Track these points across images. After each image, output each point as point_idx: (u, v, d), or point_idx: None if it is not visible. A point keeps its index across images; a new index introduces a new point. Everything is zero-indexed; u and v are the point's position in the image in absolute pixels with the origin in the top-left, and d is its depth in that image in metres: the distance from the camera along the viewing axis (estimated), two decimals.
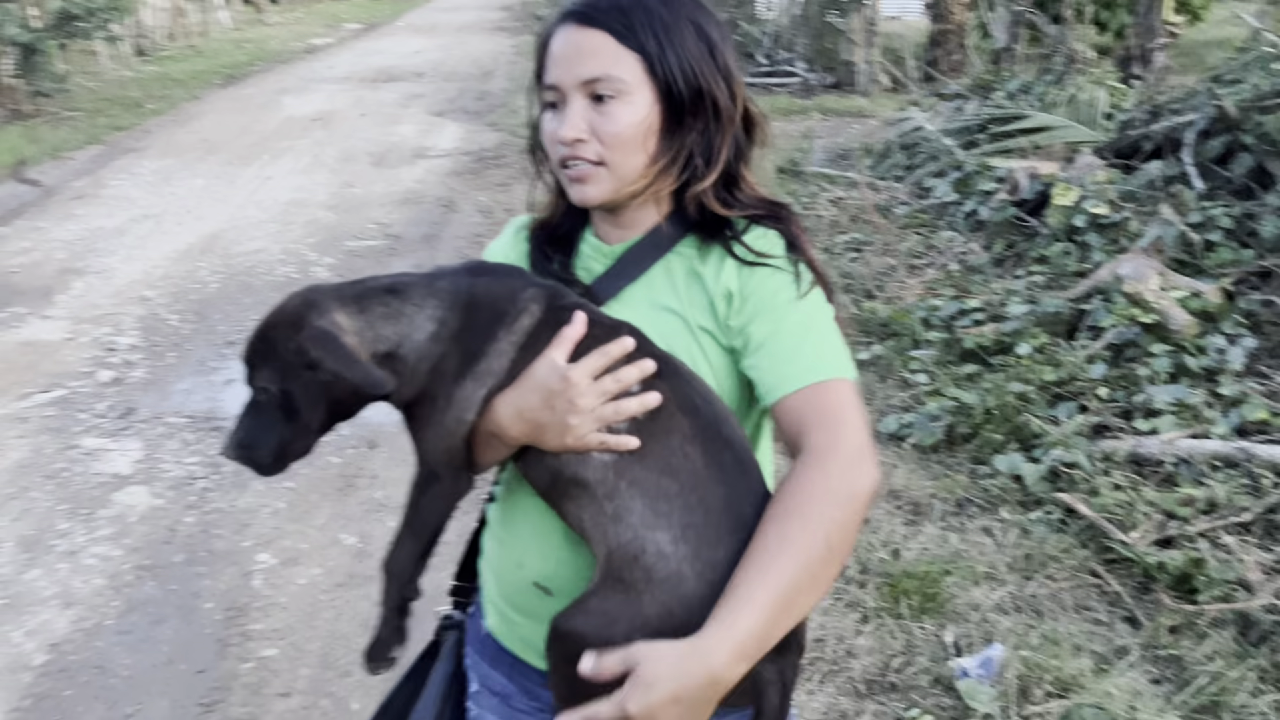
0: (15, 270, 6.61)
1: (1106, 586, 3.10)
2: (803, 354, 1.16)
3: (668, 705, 0.98)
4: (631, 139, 1.20)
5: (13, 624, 3.07)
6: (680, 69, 1.20)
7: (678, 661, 0.98)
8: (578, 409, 1.11)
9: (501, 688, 1.39)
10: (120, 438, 4.26)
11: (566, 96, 1.21)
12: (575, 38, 1.21)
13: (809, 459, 1.08)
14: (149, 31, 19.74)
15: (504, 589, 1.35)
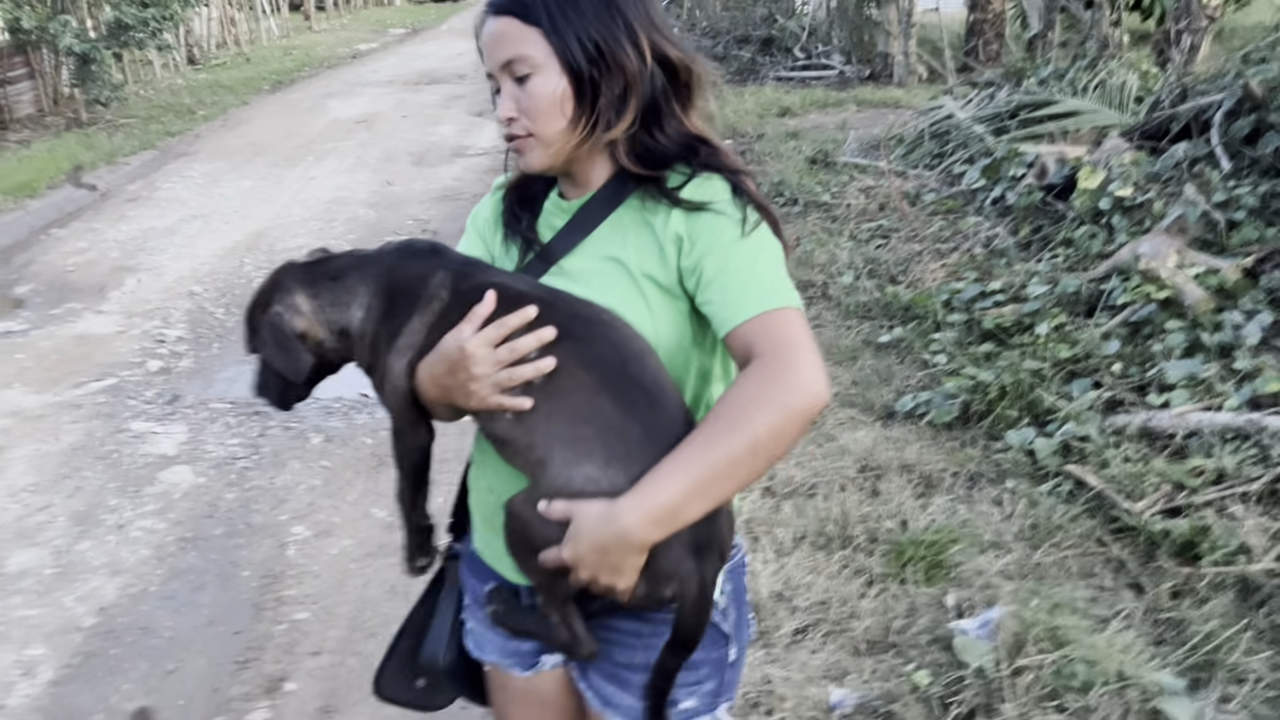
0: (71, 269, 6.89)
1: (1111, 555, 3.16)
2: (750, 287, 1.25)
3: (593, 553, 1.20)
4: (548, 109, 1.32)
5: (65, 590, 3.27)
6: (576, 36, 1.30)
7: (598, 518, 1.19)
8: (475, 376, 1.27)
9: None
10: (167, 422, 4.47)
11: (500, 83, 1.35)
12: (491, 27, 1.34)
13: (749, 371, 1.19)
14: (200, 40, 20.25)
15: (481, 511, 1.53)
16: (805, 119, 10.87)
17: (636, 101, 1.33)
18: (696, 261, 1.29)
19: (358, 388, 4.81)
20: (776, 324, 1.22)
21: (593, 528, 1.19)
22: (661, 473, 1.18)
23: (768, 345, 1.20)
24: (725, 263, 1.27)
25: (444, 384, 1.31)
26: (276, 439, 4.30)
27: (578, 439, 1.24)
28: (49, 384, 4.93)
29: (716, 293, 1.27)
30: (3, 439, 4.34)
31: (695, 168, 1.34)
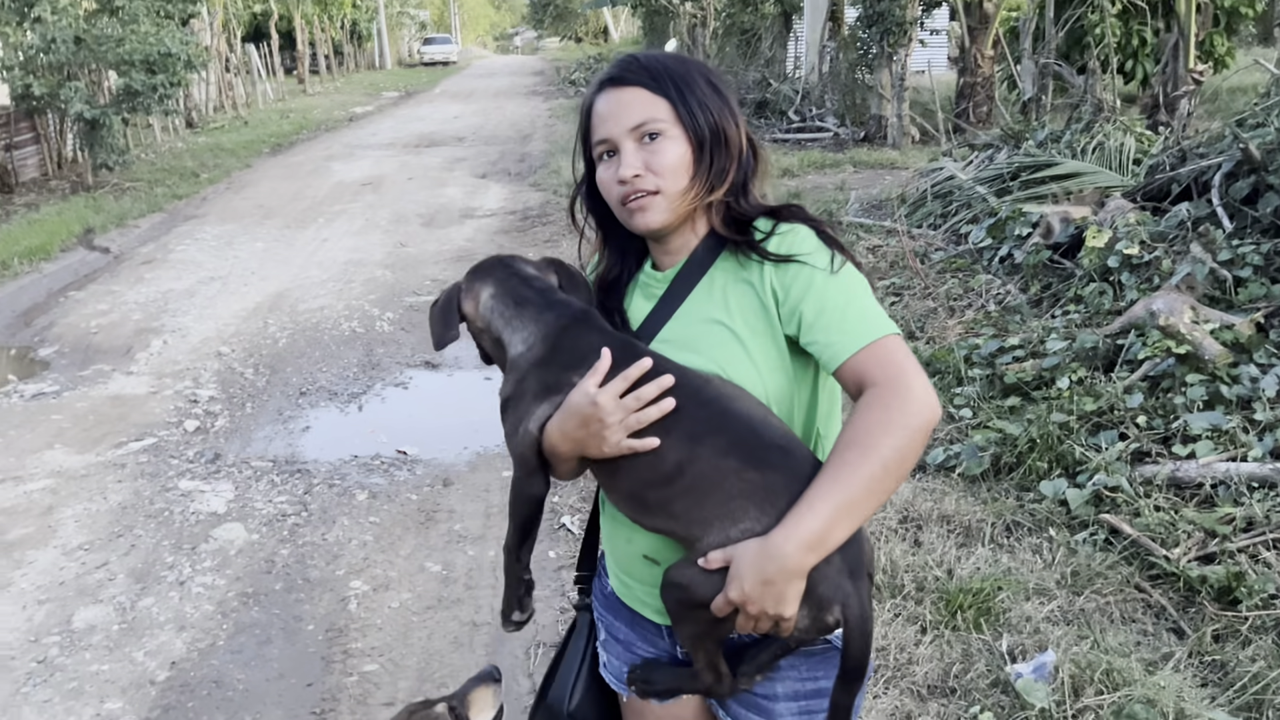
0: (95, 331, 7.00)
1: (1151, 600, 3.28)
2: (850, 322, 1.38)
3: (759, 587, 1.31)
4: (678, 167, 1.47)
5: (134, 645, 3.33)
6: (700, 110, 1.48)
7: (757, 554, 1.32)
8: (607, 425, 1.40)
9: (624, 635, 1.69)
10: (212, 480, 4.56)
11: (619, 145, 1.47)
12: (616, 97, 1.49)
13: (868, 399, 1.32)
14: (199, 104, 20.57)
15: (619, 560, 1.64)
16: (805, 180, 11.16)
17: (735, 172, 1.51)
18: (795, 307, 1.41)
19: (396, 445, 4.91)
20: (883, 353, 1.35)
21: (754, 563, 1.31)
22: (806, 503, 1.31)
23: (880, 373, 1.33)
24: (823, 303, 1.40)
25: (576, 437, 1.43)
26: (323, 496, 4.38)
27: (733, 510, 1.36)
28: (89, 444, 5.00)
29: (821, 333, 1.39)
30: (50, 499, 4.41)
31: (778, 220, 1.50)
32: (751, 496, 1.36)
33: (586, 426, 1.41)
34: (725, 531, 1.36)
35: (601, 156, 1.51)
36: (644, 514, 1.46)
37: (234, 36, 24.44)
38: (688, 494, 1.39)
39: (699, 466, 1.39)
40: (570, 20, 59.16)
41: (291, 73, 32.25)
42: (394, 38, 50.40)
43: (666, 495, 1.41)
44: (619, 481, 1.47)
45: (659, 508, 1.43)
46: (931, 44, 14.68)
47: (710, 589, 1.36)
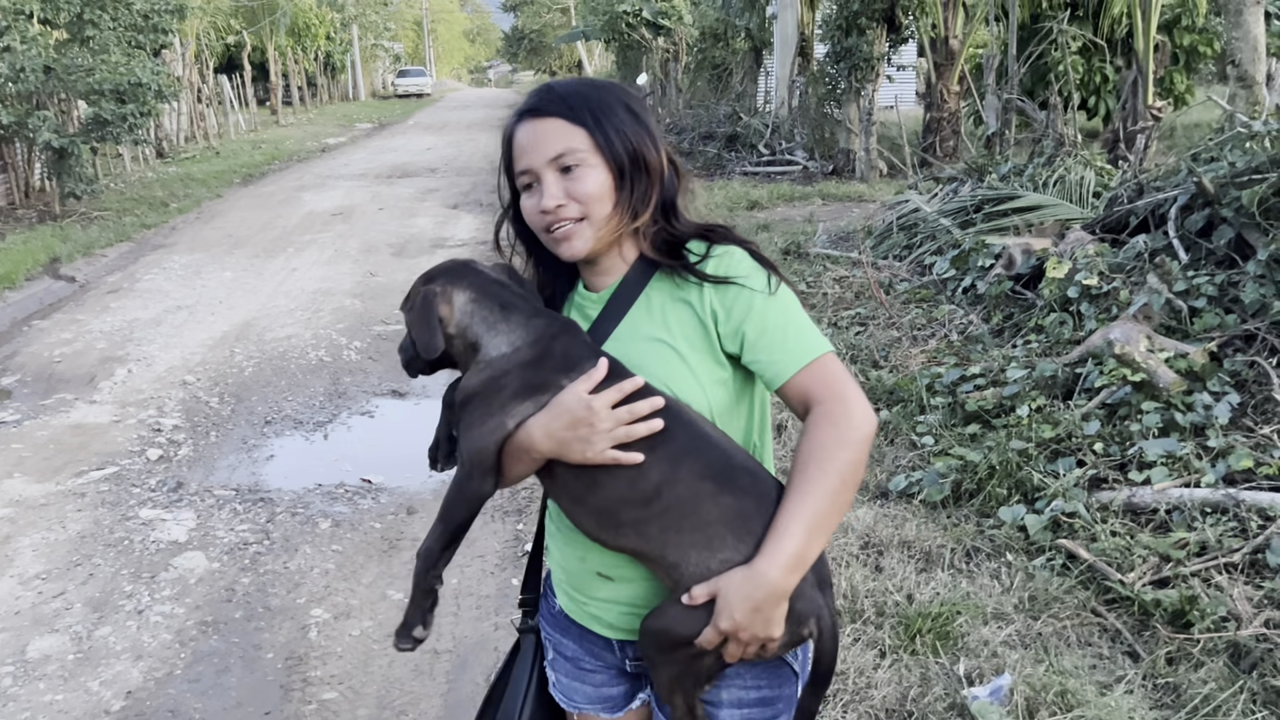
0: (58, 360, 6.94)
1: (1107, 624, 3.32)
2: (789, 342, 1.45)
3: (750, 615, 1.35)
4: (599, 194, 1.49)
5: (89, 675, 3.29)
6: (615, 135, 1.50)
7: (744, 582, 1.36)
8: (596, 430, 1.41)
9: (572, 652, 1.69)
10: (174, 509, 4.52)
11: (540, 175, 1.49)
12: (535, 127, 1.50)
13: (817, 418, 1.40)
14: (169, 134, 20.52)
15: (571, 578, 1.63)
16: (774, 212, 11.27)
17: (657, 195, 1.55)
18: (737, 327, 1.46)
19: (361, 473, 4.90)
20: (823, 371, 1.43)
21: (742, 592, 1.35)
22: (782, 526, 1.36)
23: (823, 391, 1.42)
24: (764, 323, 1.46)
25: (561, 437, 1.43)
26: (285, 524, 4.36)
27: (711, 537, 1.40)
28: (49, 473, 4.95)
29: (764, 352, 1.46)
30: (8, 528, 4.35)
31: (711, 243, 1.54)
32: (729, 523, 1.40)
33: (575, 429, 1.42)
34: (705, 562, 1.39)
35: (526, 186, 1.53)
36: (612, 532, 1.46)
37: (206, 67, 24.44)
38: (664, 516, 1.42)
39: (678, 489, 1.42)
40: (544, 54, 59.64)
41: (264, 104, 32.27)
42: (368, 70, 50.58)
43: (643, 516, 1.42)
44: (592, 495, 1.46)
45: (632, 527, 1.43)
46: (899, 80, 14.93)
47: (693, 625, 1.39)
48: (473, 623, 3.57)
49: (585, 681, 1.69)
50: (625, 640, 1.60)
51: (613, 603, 1.57)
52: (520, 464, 1.48)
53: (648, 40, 23.78)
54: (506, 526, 4.30)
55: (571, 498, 1.50)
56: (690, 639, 1.39)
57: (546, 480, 1.53)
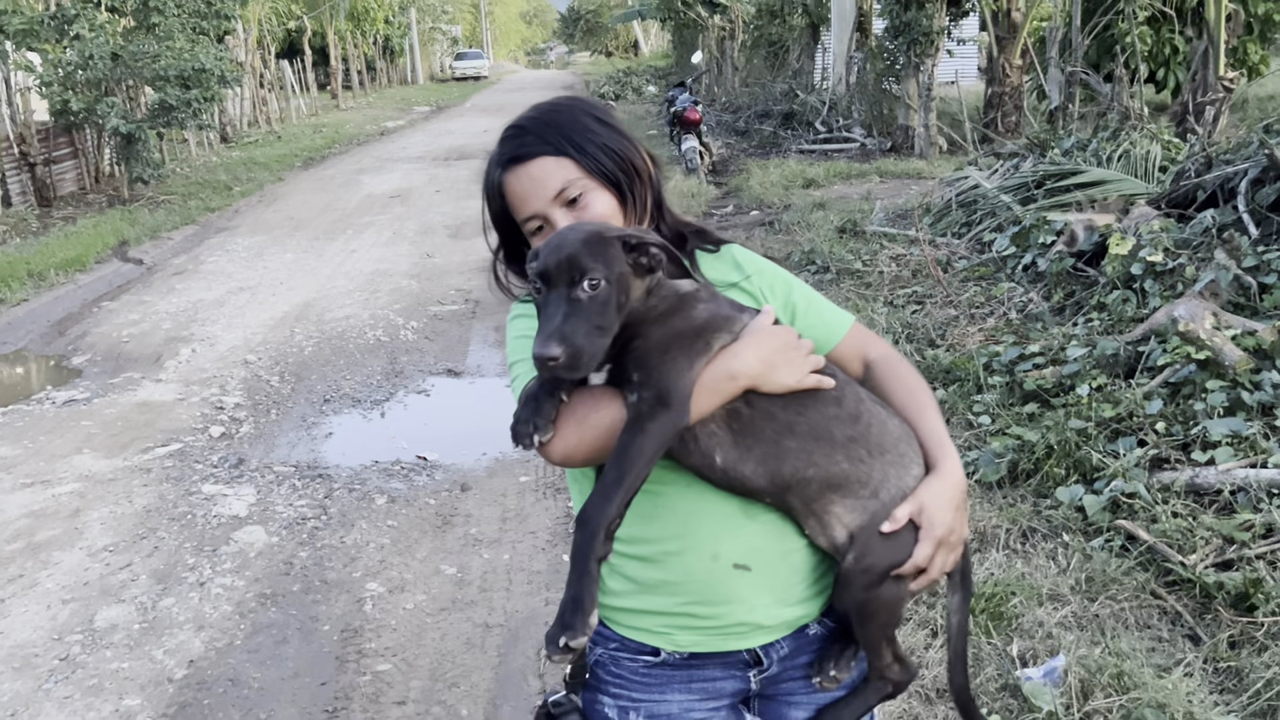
0: (126, 340, 7.12)
1: (1167, 607, 3.25)
2: (831, 309, 1.64)
3: (954, 515, 1.46)
4: (610, 214, 1.49)
5: (153, 644, 3.39)
6: (601, 153, 1.49)
7: (944, 487, 1.46)
8: (800, 352, 1.46)
9: (678, 707, 1.52)
10: (235, 484, 4.62)
11: (549, 216, 1.47)
12: (525, 174, 1.48)
13: (890, 359, 1.60)
14: (233, 119, 20.89)
15: (696, 592, 1.47)
16: (830, 190, 11.15)
17: (651, 197, 1.57)
18: (785, 300, 1.59)
19: (416, 450, 4.96)
20: (862, 330, 1.65)
21: (945, 497, 1.46)
22: (940, 434, 1.52)
23: (876, 343, 1.64)
24: (807, 295, 1.62)
25: (772, 360, 1.42)
26: (342, 500, 4.44)
27: (902, 455, 1.47)
28: (117, 449, 5.10)
29: (815, 316, 1.60)
30: (78, 501, 4.49)
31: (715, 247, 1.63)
32: (908, 442, 1.49)
33: (784, 352, 1.43)
34: (900, 481, 1.45)
35: (536, 230, 1.50)
36: (825, 455, 1.42)
37: (268, 52, 24.81)
38: (868, 435, 1.46)
39: (868, 407, 1.49)
40: (600, 35, 59.54)
41: (325, 88, 32.69)
42: (426, 53, 50.93)
43: (854, 434, 1.45)
44: (803, 419, 1.42)
45: (844, 449, 1.44)
46: (961, 54, 14.65)
47: (902, 549, 1.43)
48: (524, 597, 3.61)
49: None
50: (769, 644, 1.51)
51: (757, 594, 1.47)
52: (714, 396, 1.39)
53: (704, 18, 23.61)
54: (558, 503, 4.33)
55: (777, 431, 1.41)
56: (899, 564, 1.42)
57: (718, 429, 1.41)
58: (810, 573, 1.51)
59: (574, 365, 1.30)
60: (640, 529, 1.48)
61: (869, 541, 1.43)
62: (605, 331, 1.34)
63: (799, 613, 1.51)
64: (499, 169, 1.51)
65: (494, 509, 4.32)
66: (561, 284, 1.33)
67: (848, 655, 1.52)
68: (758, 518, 1.47)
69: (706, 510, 1.46)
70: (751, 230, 9.47)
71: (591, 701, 1.55)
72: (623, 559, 1.50)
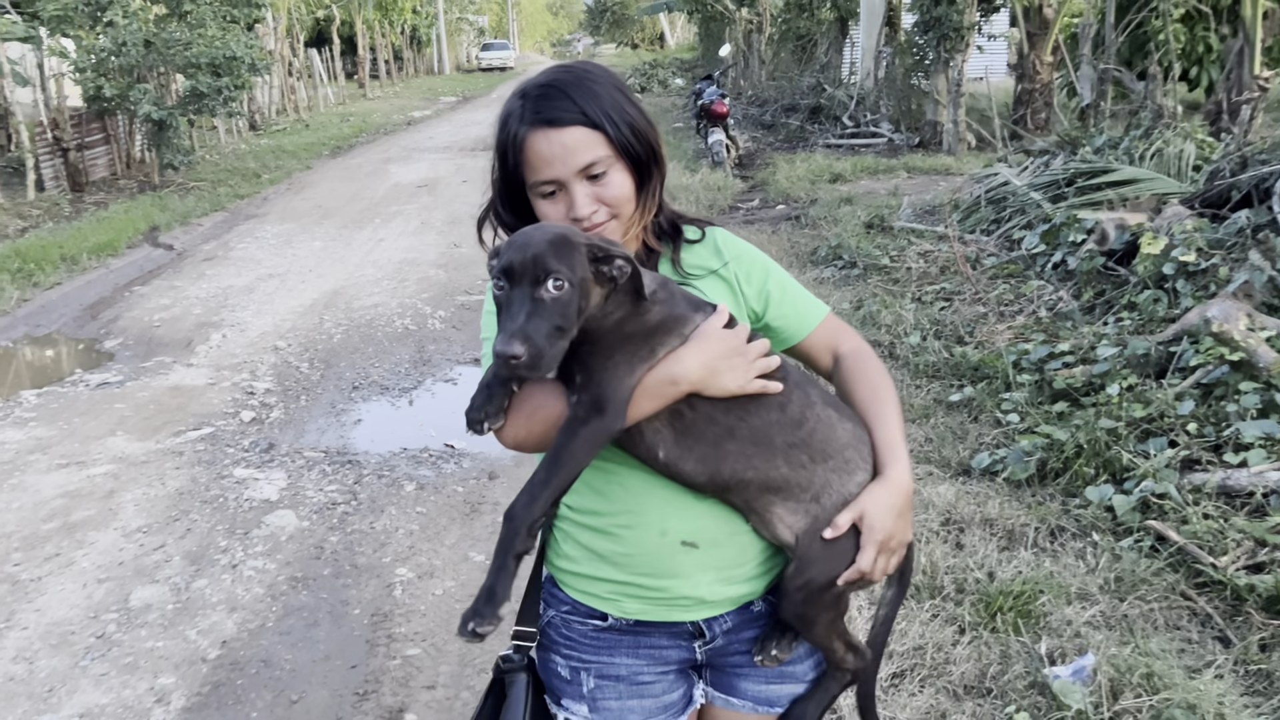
0: (157, 324, 7.19)
1: (1197, 608, 3.24)
2: (806, 299, 1.66)
3: (896, 520, 1.48)
4: (627, 195, 1.51)
5: (187, 624, 3.44)
6: (633, 136, 1.50)
7: (887, 493, 1.48)
8: (746, 358, 1.46)
9: (627, 670, 1.58)
10: (266, 469, 4.67)
11: (568, 184, 1.47)
12: (557, 139, 1.46)
13: (858, 356, 1.63)
14: (262, 107, 21.01)
15: (644, 565, 1.52)
16: (857, 185, 11.11)
17: (661, 183, 1.58)
18: (760, 288, 1.61)
19: (444, 438, 5.00)
20: (836, 321, 1.68)
21: (887, 503, 1.47)
22: (893, 438, 1.52)
23: (849, 336, 1.66)
24: (783, 283, 1.64)
25: (714, 366, 1.42)
26: (372, 486, 4.48)
27: (846, 461, 1.49)
28: (150, 432, 5.16)
29: (789, 305, 1.63)
30: (112, 483, 4.55)
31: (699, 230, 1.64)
32: (855, 448, 1.50)
33: (728, 358, 1.44)
34: (843, 487, 1.48)
35: (546, 194, 1.49)
36: (763, 461, 1.44)
37: (297, 41, 24.92)
38: (811, 441, 1.48)
39: (817, 412, 1.50)
40: (626, 26, 59.42)
41: (352, 77, 32.80)
42: (453, 43, 51.01)
43: (795, 440, 1.47)
44: (744, 425, 1.44)
45: (784, 454, 1.46)
46: (990, 50, 14.53)
47: (842, 557, 1.46)
48: None
49: (644, 696, 1.59)
50: (712, 618, 1.56)
51: (702, 572, 1.51)
52: (654, 400, 1.41)
53: (731, 11, 23.54)
54: None
55: (717, 434, 1.44)
56: (840, 573, 1.45)
57: (662, 427, 1.43)
58: (759, 554, 1.56)
59: (535, 365, 1.31)
60: (594, 502, 1.54)
61: (809, 551, 1.46)
62: (565, 334, 1.35)
63: (744, 590, 1.56)
64: (524, 126, 1.48)
65: None
66: (526, 282, 1.33)
67: (789, 636, 1.56)
68: (706, 499, 1.51)
69: (657, 489, 1.51)
70: (778, 224, 9.45)
71: (545, 660, 1.63)
72: (577, 528, 1.57)
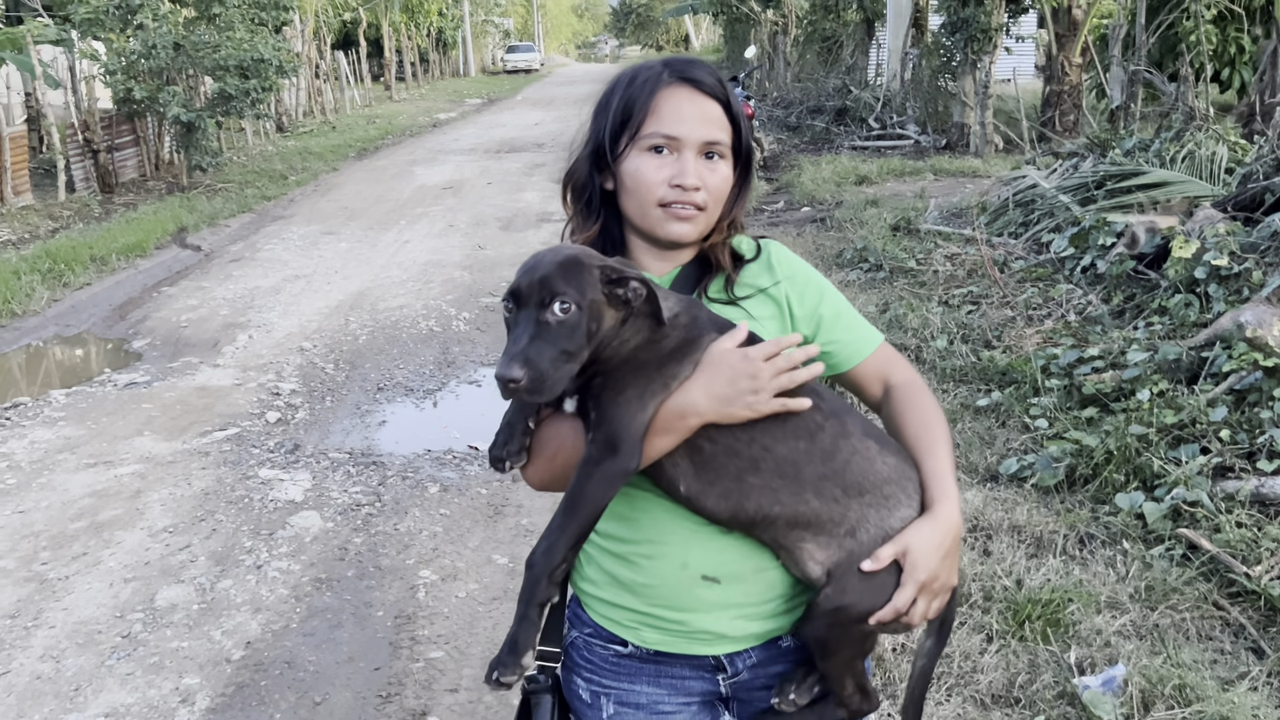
0: (185, 325, 7.25)
1: (1230, 618, 3.18)
2: (862, 325, 1.57)
3: (942, 561, 1.38)
4: (725, 191, 1.49)
5: (212, 625, 3.45)
6: (747, 136, 1.50)
7: (933, 531, 1.39)
8: (759, 379, 1.35)
9: (648, 698, 1.53)
10: (291, 469, 4.69)
11: (683, 149, 1.44)
12: (698, 103, 1.45)
13: (911, 388, 1.54)
14: (289, 109, 21.15)
15: (663, 597, 1.47)
16: (883, 187, 11.05)
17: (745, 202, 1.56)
18: (812, 310, 1.54)
19: (468, 440, 5.00)
20: (891, 351, 1.59)
21: (933, 542, 1.38)
22: (941, 473, 1.43)
23: (903, 367, 1.58)
24: (836, 306, 1.55)
25: (723, 393, 1.34)
26: (396, 487, 4.49)
27: (887, 496, 1.39)
28: (176, 432, 5.19)
29: (842, 331, 1.55)
30: (139, 483, 4.58)
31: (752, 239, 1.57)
32: (898, 482, 1.41)
33: (735, 384, 1.34)
34: (884, 522, 1.37)
35: (654, 148, 1.45)
36: (791, 495, 1.36)
37: (324, 44, 25.09)
38: (845, 473, 1.38)
39: (854, 444, 1.40)
40: (651, 28, 59.47)
41: (379, 79, 32.97)
42: (478, 46, 51.19)
43: (826, 472, 1.37)
44: (770, 456, 1.36)
45: (814, 487, 1.36)
46: (1018, 51, 14.43)
47: (877, 593, 1.35)
48: None
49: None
50: (735, 653, 1.49)
51: (723, 608, 1.45)
52: (668, 435, 1.35)
53: (756, 13, 23.49)
54: None
55: (740, 468, 1.37)
56: (875, 609, 1.35)
57: (681, 460, 1.37)
58: (787, 590, 1.47)
59: (536, 389, 1.28)
60: (618, 528, 1.49)
61: (845, 579, 1.36)
62: (572, 358, 1.31)
63: (769, 627, 1.48)
64: (667, 76, 1.46)
65: (545, 500, 4.33)
66: (532, 305, 1.31)
67: (811, 679, 1.47)
68: (732, 533, 1.43)
69: (681, 520, 1.44)
70: (803, 227, 9.41)
71: (568, 680, 1.58)
72: (601, 552, 1.52)
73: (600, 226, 1.51)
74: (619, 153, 1.47)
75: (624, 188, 1.48)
